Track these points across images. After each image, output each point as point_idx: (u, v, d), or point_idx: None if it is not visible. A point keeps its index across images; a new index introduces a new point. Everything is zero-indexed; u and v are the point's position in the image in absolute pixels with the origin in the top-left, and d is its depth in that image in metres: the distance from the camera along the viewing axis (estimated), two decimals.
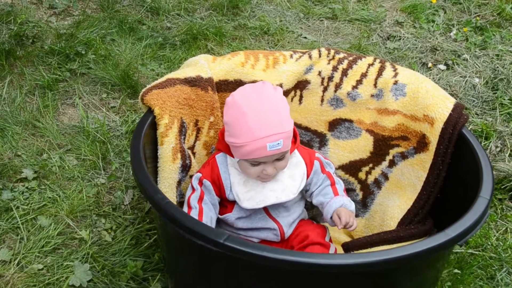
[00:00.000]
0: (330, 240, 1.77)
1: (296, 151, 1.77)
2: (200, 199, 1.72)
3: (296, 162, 1.75)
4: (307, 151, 1.83)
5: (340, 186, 1.79)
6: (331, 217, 1.70)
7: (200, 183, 1.73)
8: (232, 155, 1.71)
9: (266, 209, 1.74)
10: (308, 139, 2.14)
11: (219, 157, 1.76)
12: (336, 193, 1.75)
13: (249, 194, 1.69)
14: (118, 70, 2.91)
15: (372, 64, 2.06)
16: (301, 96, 2.12)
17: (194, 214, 1.69)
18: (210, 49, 3.28)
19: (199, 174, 1.75)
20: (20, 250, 1.93)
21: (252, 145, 1.58)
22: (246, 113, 1.59)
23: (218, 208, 1.76)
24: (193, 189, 1.74)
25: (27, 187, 2.20)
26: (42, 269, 1.88)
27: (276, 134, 1.58)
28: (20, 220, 2.04)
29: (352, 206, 1.73)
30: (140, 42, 3.25)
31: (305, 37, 3.54)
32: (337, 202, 1.71)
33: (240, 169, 1.71)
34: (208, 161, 1.79)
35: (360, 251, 1.75)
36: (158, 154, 1.76)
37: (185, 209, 1.73)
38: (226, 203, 1.77)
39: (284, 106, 1.66)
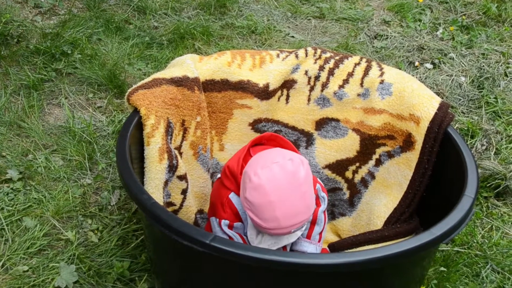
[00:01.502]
0: None
1: None
2: (243, 241, 1.70)
3: None
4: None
5: (319, 228, 1.79)
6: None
7: (231, 228, 1.70)
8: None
9: None
10: (295, 138, 2.14)
11: (234, 198, 1.71)
12: (309, 235, 1.77)
13: (262, 238, 1.64)
14: (105, 69, 2.90)
15: (359, 64, 2.07)
16: (288, 96, 2.12)
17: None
18: (198, 49, 3.27)
19: (227, 221, 1.69)
20: (5, 252, 1.92)
21: (277, 231, 1.53)
22: (274, 202, 1.49)
23: None
24: (231, 237, 1.69)
25: (12, 188, 2.18)
26: (27, 270, 1.86)
27: (302, 221, 1.53)
28: (5, 222, 2.02)
29: None
30: (127, 41, 3.24)
31: (293, 36, 3.55)
32: (302, 246, 1.75)
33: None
34: (223, 203, 1.71)
35: (346, 251, 1.76)
36: (144, 154, 1.75)
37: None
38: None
39: (310, 188, 1.56)
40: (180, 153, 1.93)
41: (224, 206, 1.70)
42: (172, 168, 1.79)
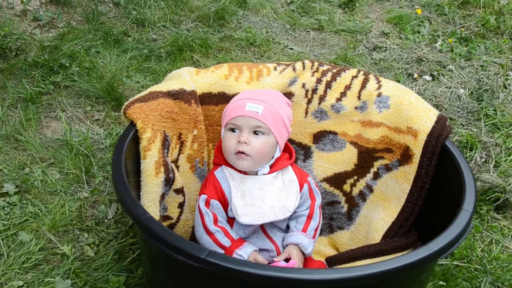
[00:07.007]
0: None
1: (290, 168, 1.78)
2: (215, 221, 1.69)
3: (290, 179, 1.75)
4: (300, 172, 1.82)
5: (314, 223, 1.78)
6: (286, 246, 1.74)
7: (207, 204, 1.70)
8: (228, 164, 1.74)
9: (263, 229, 1.73)
10: None
11: (218, 173, 1.76)
12: (305, 228, 1.75)
13: (247, 209, 1.66)
14: (103, 82, 2.89)
15: (356, 76, 2.06)
16: None
17: (220, 237, 1.66)
18: (196, 61, 3.27)
19: (205, 196, 1.71)
20: (0, 267, 1.90)
21: (235, 103, 1.73)
22: (245, 91, 1.89)
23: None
24: (202, 214, 1.69)
25: (8, 202, 2.16)
26: (22, 286, 1.84)
27: (258, 99, 1.71)
28: (0, 236, 2.01)
29: (308, 249, 1.71)
30: (125, 54, 3.24)
31: (291, 48, 3.55)
32: (297, 238, 1.72)
33: (222, 148, 1.74)
34: (208, 179, 1.76)
35: (344, 265, 1.74)
36: (140, 168, 1.74)
37: (204, 236, 1.68)
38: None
39: (281, 99, 1.82)
40: (177, 167, 1.92)
41: (208, 181, 1.76)
42: (168, 181, 1.78)
